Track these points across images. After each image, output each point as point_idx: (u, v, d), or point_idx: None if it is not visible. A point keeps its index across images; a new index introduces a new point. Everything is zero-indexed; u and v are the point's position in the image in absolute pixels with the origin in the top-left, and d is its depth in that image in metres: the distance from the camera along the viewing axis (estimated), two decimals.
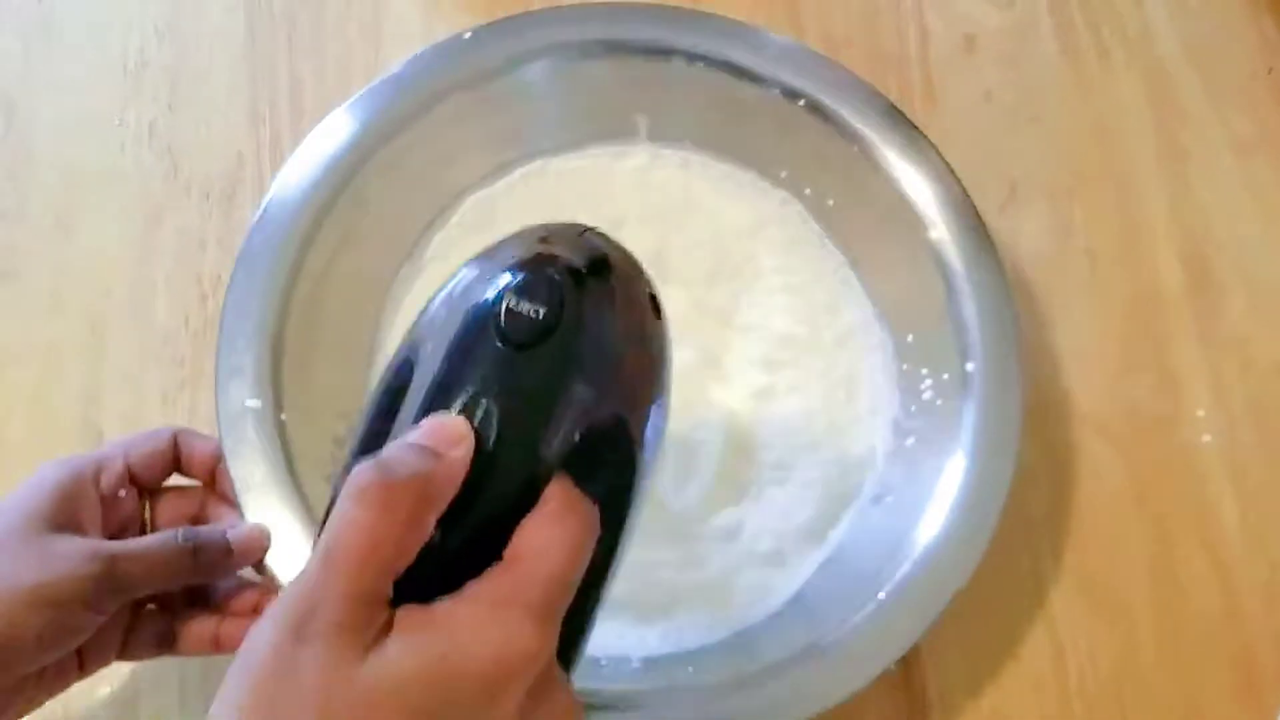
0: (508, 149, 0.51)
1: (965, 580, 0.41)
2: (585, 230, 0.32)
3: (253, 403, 0.43)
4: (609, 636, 0.44)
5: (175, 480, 0.43)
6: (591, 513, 0.28)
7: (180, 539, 0.39)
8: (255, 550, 0.41)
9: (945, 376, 0.45)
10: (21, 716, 0.38)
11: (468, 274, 0.31)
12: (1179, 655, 0.46)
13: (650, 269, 0.32)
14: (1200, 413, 0.50)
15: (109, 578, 0.37)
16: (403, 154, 0.48)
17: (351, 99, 0.48)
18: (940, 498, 0.43)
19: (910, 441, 0.46)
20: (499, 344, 0.28)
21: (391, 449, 0.27)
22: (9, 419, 0.50)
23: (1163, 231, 0.53)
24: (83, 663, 0.39)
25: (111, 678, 0.45)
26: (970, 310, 0.45)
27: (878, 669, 0.41)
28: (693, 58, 0.49)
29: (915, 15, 0.57)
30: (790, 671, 0.41)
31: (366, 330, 0.48)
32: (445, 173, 0.50)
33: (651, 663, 0.43)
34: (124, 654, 0.41)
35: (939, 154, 0.47)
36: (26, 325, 0.52)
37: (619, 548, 0.30)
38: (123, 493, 0.41)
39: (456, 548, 0.27)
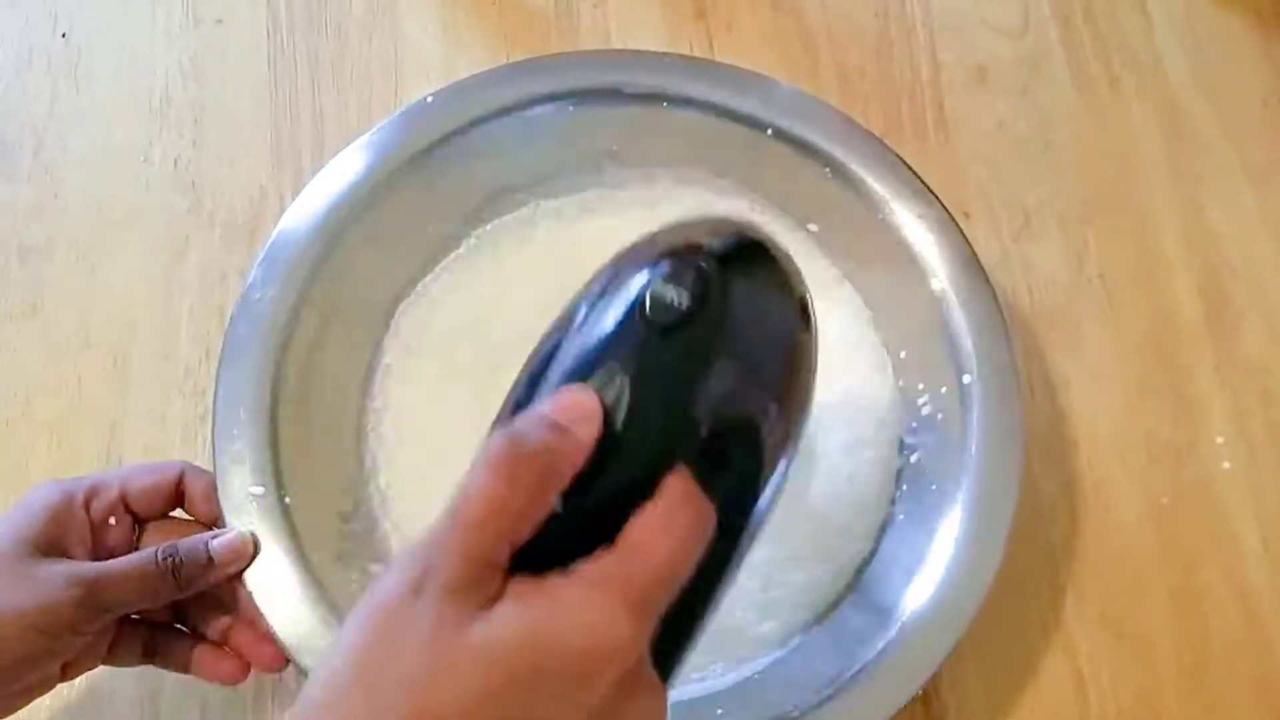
0: (481, 206, 0.51)
1: (980, 604, 0.41)
2: (742, 225, 0.32)
3: (255, 489, 0.43)
4: None
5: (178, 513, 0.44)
6: (707, 512, 0.27)
7: (160, 557, 0.39)
8: (239, 558, 0.41)
9: (943, 390, 0.45)
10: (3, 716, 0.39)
11: (623, 260, 0.31)
12: (1202, 684, 0.46)
13: None
14: (1219, 440, 0.49)
15: (89, 601, 0.38)
16: (379, 224, 0.48)
17: (322, 171, 0.48)
18: (949, 519, 0.43)
19: (915, 458, 0.46)
20: (641, 326, 0.28)
21: (522, 419, 0.28)
22: (33, 451, 0.51)
23: (1178, 259, 0.53)
24: (65, 670, 0.40)
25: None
26: (961, 323, 0.45)
27: (903, 700, 0.40)
28: (664, 100, 0.49)
29: (927, 47, 0.57)
30: (812, 711, 0.41)
31: (356, 402, 0.49)
32: (421, 237, 0.51)
33: (679, 706, 0.43)
34: (108, 662, 0.41)
35: (915, 174, 0.47)
36: (52, 359, 0.53)
37: (733, 559, 0.29)
38: (113, 520, 0.41)
39: (575, 525, 0.27)
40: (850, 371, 0.48)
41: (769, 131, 0.49)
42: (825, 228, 0.49)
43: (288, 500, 0.43)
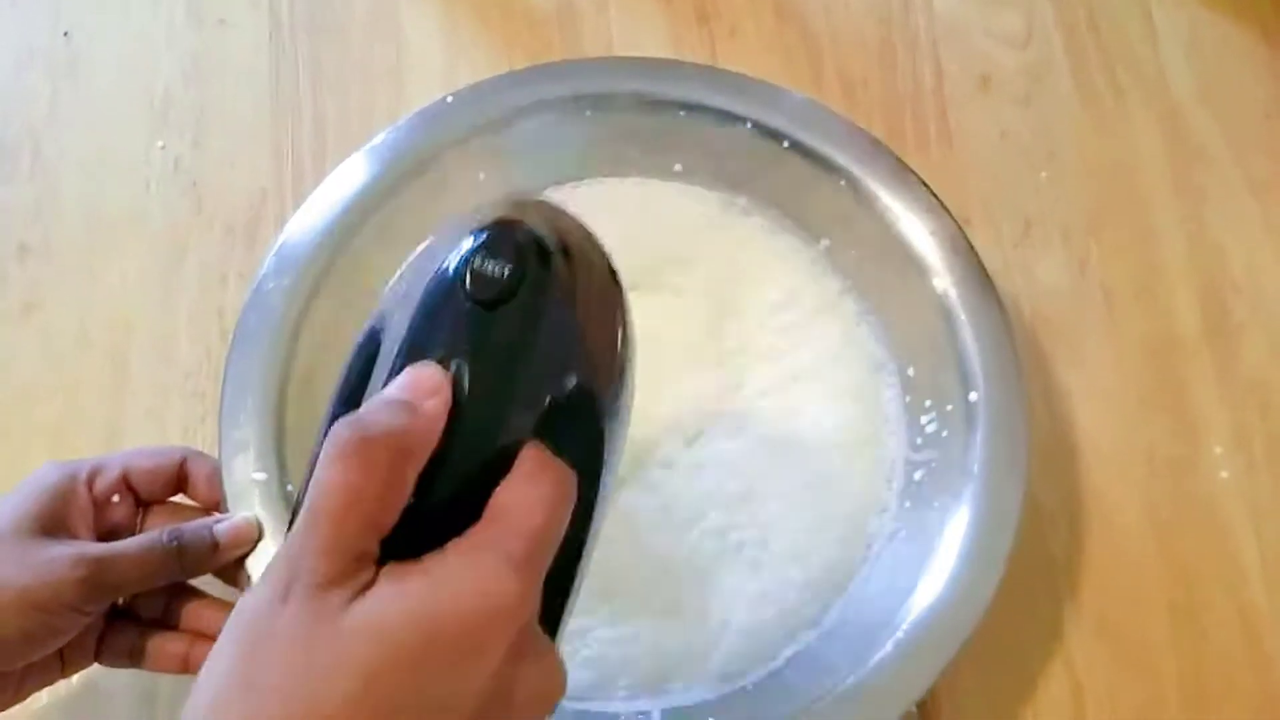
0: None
1: (979, 619, 0.41)
2: (541, 200, 0.32)
3: (259, 475, 0.43)
4: (627, 693, 0.44)
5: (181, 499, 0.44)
6: (567, 474, 0.28)
7: (165, 539, 0.39)
8: (243, 542, 0.41)
9: (949, 408, 0.45)
10: (3, 710, 0.39)
11: (431, 244, 0.31)
12: (1201, 699, 0.46)
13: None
14: (1218, 450, 0.49)
15: (94, 581, 0.38)
16: (392, 221, 0.49)
17: (340, 167, 0.49)
18: (950, 536, 0.43)
19: (919, 475, 0.46)
20: (466, 303, 0.28)
21: (368, 405, 0.27)
22: (31, 453, 0.51)
23: (1179, 271, 0.53)
24: (64, 662, 0.40)
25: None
26: (970, 341, 0.45)
27: (898, 711, 0.41)
28: (682, 108, 0.49)
29: (931, 56, 0.57)
30: (810, 717, 0.41)
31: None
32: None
33: (672, 713, 0.43)
34: (98, 659, 0.41)
35: (930, 189, 0.47)
36: (50, 360, 0.52)
37: (592, 521, 0.30)
38: (116, 499, 0.42)
39: (438, 509, 0.27)
40: (856, 387, 0.48)
41: (786, 144, 0.49)
42: (838, 243, 0.49)
43: (290, 488, 0.43)
